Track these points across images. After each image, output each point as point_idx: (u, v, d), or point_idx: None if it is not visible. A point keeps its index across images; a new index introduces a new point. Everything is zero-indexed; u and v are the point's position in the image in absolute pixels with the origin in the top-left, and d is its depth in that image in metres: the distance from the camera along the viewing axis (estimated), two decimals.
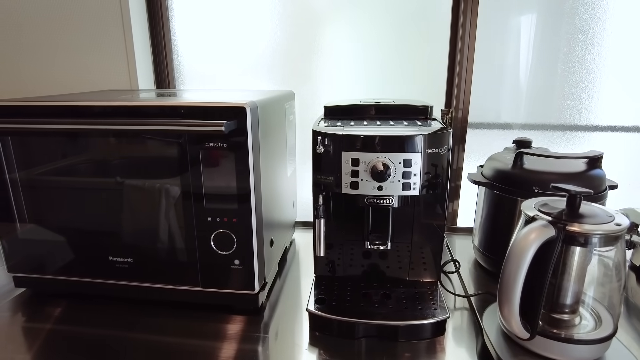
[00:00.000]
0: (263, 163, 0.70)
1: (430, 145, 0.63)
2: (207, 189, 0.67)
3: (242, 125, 0.63)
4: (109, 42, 1.09)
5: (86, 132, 0.68)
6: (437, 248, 0.74)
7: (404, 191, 0.63)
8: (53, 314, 0.75)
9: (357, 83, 1.14)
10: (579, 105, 1.07)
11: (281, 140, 0.84)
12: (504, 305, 0.54)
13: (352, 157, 0.63)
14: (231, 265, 0.70)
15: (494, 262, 0.85)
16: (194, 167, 0.66)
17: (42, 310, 0.76)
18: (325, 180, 0.66)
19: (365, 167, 0.63)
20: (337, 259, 0.78)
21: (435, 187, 0.65)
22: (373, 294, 0.72)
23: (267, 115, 0.73)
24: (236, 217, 0.67)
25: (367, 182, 0.63)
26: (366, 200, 0.65)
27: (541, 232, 0.52)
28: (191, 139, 0.65)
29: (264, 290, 0.74)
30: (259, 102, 0.68)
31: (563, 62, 1.05)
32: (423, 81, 1.13)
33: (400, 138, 0.62)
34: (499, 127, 1.15)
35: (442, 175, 0.65)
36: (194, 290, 0.73)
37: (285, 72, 1.15)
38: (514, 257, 0.52)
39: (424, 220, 0.73)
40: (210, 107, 0.63)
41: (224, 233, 0.68)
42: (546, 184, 0.75)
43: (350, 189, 0.64)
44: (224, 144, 0.64)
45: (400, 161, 0.62)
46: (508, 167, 0.80)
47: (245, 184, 0.65)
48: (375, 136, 0.62)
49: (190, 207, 0.68)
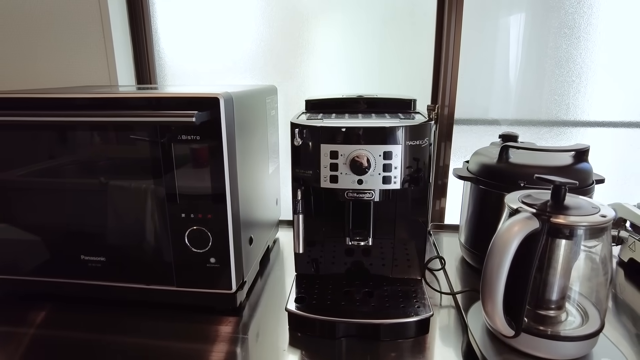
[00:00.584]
0: (240, 158, 0.67)
1: (412, 137, 0.61)
2: (180, 184, 0.64)
3: (215, 117, 0.60)
4: (88, 39, 1.06)
5: (47, 124, 0.65)
6: (421, 244, 0.72)
7: (384, 184, 0.61)
8: (21, 317, 0.71)
9: (343, 79, 1.12)
10: (566, 100, 1.06)
11: (262, 136, 0.82)
12: (487, 301, 0.52)
13: (331, 150, 0.61)
14: (207, 264, 0.67)
15: (480, 259, 0.83)
16: (167, 161, 0.63)
17: (11, 312, 0.72)
18: (304, 174, 0.63)
19: (345, 160, 0.60)
20: (320, 256, 0.76)
21: (417, 181, 0.63)
22: (355, 292, 0.69)
23: (244, 109, 0.70)
24: (211, 214, 0.65)
25: (347, 175, 0.61)
26: (346, 194, 0.63)
27: (525, 224, 0.50)
28: (163, 132, 0.62)
29: (242, 290, 0.71)
30: (235, 94, 0.65)
31: (550, 57, 1.04)
32: (409, 77, 1.11)
33: (380, 130, 0.60)
34: (487, 123, 1.13)
35: (424, 169, 0.63)
36: (168, 290, 0.70)
37: (271, 69, 1.12)
38: (496, 251, 0.50)
39: (407, 216, 0.71)
40: (182, 99, 0.61)
41: (199, 230, 0.66)
42: (532, 178, 0.73)
43: (330, 183, 0.62)
44: (196, 136, 0.61)
45: (380, 154, 0.60)
46: (493, 161, 0.78)
47: (220, 179, 0.63)
48: (354, 128, 0.60)
49: (163, 203, 0.65)
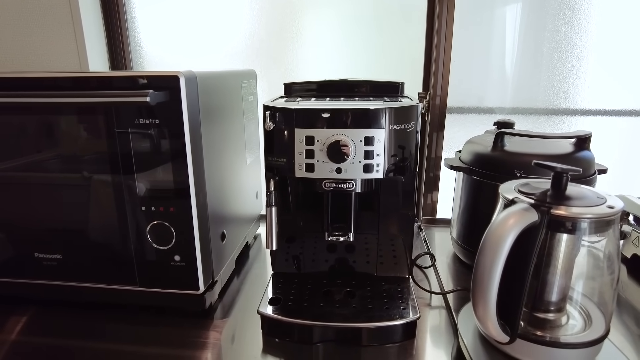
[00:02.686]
0: (208, 146, 0.61)
1: (396, 120, 0.54)
2: (139, 173, 0.57)
3: (175, 98, 0.54)
4: (55, 22, 0.99)
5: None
6: (408, 239, 0.66)
7: (366, 173, 0.55)
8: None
9: (332, 66, 1.06)
10: (565, 87, 1.00)
11: (236, 123, 0.75)
12: (479, 303, 0.46)
13: (306, 135, 0.54)
14: (171, 262, 0.61)
15: (473, 256, 0.76)
16: (124, 148, 0.57)
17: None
18: (277, 162, 0.57)
19: (321, 146, 0.54)
20: (299, 253, 0.70)
21: (403, 170, 0.56)
22: (335, 293, 0.63)
23: (213, 92, 0.64)
24: (174, 207, 0.58)
25: (324, 163, 0.55)
26: (324, 184, 0.56)
27: (522, 217, 0.44)
28: (119, 115, 0.55)
29: (212, 290, 0.65)
30: (201, 74, 0.59)
31: (548, 41, 0.98)
32: (400, 63, 1.05)
33: (360, 112, 0.54)
34: (482, 112, 1.07)
35: (410, 157, 0.57)
36: (131, 290, 0.64)
37: (258, 56, 1.05)
38: (489, 247, 0.44)
39: (393, 209, 0.65)
40: (136, 78, 0.54)
41: (161, 225, 0.59)
42: (529, 167, 0.67)
43: (305, 172, 0.55)
44: (155, 120, 0.55)
45: (361, 139, 0.54)
46: (488, 149, 0.72)
47: (183, 168, 0.56)
48: (332, 110, 0.54)
49: (122, 194, 0.59)
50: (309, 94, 0.71)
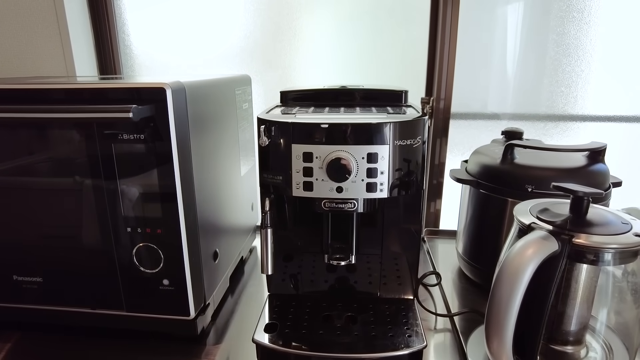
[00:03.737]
0: (199, 160, 0.57)
1: (401, 135, 0.50)
2: (124, 193, 0.53)
3: (161, 111, 0.49)
4: (40, 25, 0.94)
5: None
6: (413, 258, 0.62)
7: (369, 193, 0.51)
8: None
9: (332, 71, 1.01)
10: (573, 92, 0.96)
11: (230, 133, 0.71)
12: (493, 339, 0.42)
13: (304, 151, 0.50)
14: (160, 286, 0.57)
15: (480, 273, 0.73)
16: (107, 166, 0.52)
17: None
18: (273, 180, 0.53)
19: (321, 163, 0.50)
20: (297, 273, 0.65)
21: (408, 188, 0.52)
22: (336, 317, 0.59)
23: (204, 101, 0.60)
24: (161, 228, 0.54)
25: (324, 182, 0.51)
26: (323, 204, 0.52)
27: (541, 247, 0.40)
28: (101, 131, 0.51)
29: (204, 314, 0.61)
30: (190, 84, 0.54)
31: (556, 44, 0.93)
32: (402, 68, 1.00)
33: (363, 127, 0.50)
34: (486, 117, 1.03)
35: (416, 173, 0.52)
36: (118, 315, 0.59)
37: (253, 59, 1.01)
38: (506, 279, 0.40)
39: (397, 226, 0.61)
40: (119, 90, 0.50)
41: (148, 247, 0.55)
42: (541, 182, 0.63)
43: (303, 190, 0.51)
44: (140, 135, 0.51)
45: (363, 156, 0.50)
46: (496, 162, 0.68)
47: (170, 187, 0.52)
48: (333, 124, 0.50)
49: (106, 215, 0.54)
50: (306, 104, 0.66)
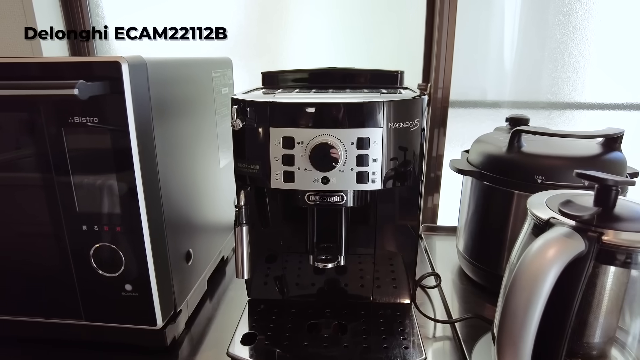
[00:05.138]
0: (165, 148, 0.49)
1: (397, 117, 0.43)
2: (77, 185, 0.46)
3: (116, 90, 0.42)
4: None
5: None
6: (410, 259, 0.55)
7: (359, 184, 0.44)
8: None
9: (322, 56, 0.94)
10: (581, 77, 0.89)
11: (206, 120, 0.64)
12: (507, 355, 0.36)
13: (284, 136, 0.43)
14: (122, 292, 0.50)
15: (484, 274, 0.66)
16: (58, 154, 0.45)
17: None
18: (249, 170, 0.46)
19: (303, 149, 0.43)
20: (281, 275, 0.59)
21: (405, 178, 0.45)
22: (323, 326, 0.52)
23: (172, 82, 0.52)
24: (121, 225, 0.47)
25: (307, 171, 0.44)
26: (307, 197, 0.45)
27: (565, 246, 0.33)
28: (49, 114, 0.44)
29: (174, 323, 0.54)
30: (154, 60, 0.47)
31: (562, 25, 0.87)
32: (397, 53, 0.94)
33: (352, 106, 0.43)
34: (486, 106, 0.96)
35: (413, 161, 0.46)
36: (76, 325, 0.52)
37: (237, 43, 0.93)
38: (523, 286, 0.33)
39: (392, 222, 0.54)
40: (67, 65, 0.42)
41: (107, 247, 0.48)
42: (552, 172, 0.57)
43: (284, 182, 0.44)
44: (94, 118, 0.43)
45: (353, 141, 0.43)
46: (502, 150, 0.62)
47: (128, 177, 0.45)
48: (316, 104, 0.43)
49: (58, 211, 0.47)
50: (291, 85, 0.59)
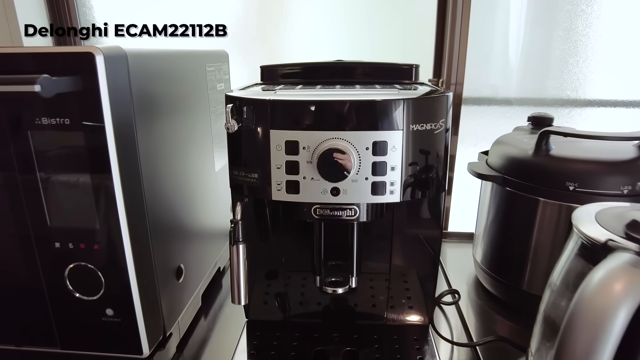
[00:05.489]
0: (150, 152, 0.43)
1: (419, 117, 0.37)
2: (48, 197, 0.40)
3: (89, 86, 0.36)
4: None
5: None
6: (429, 276, 0.49)
7: (375, 196, 0.38)
8: None
9: (325, 49, 0.88)
10: (606, 73, 0.83)
11: (199, 118, 0.58)
12: None
13: (287, 140, 0.37)
14: (102, 317, 0.44)
15: (505, 288, 0.60)
16: (23, 162, 0.39)
17: None
18: (246, 179, 0.40)
19: (310, 156, 0.37)
20: (282, 292, 0.53)
21: (427, 188, 0.39)
22: (331, 354, 0.46)
23: (158, 77, 0.46)
24: (99, 242, 0.41)
25: (314, 181, 0.37)
26: (313, 211, 0.39)
27: (637, 280, 0.27)
28: (12, 114, 0.38)
29: (164, 349, 0.48)
30: (136, 52, 0.41)
31: (585, 15, 0.80)
32: (405, 46, 0.87)
33: (367, 105, 0.36)
34: (500, 103, 0.90)
35: (437, 168, 0.40)
36: (51, 354, 0.46)
37: (234, 36, 0.87)
38: (582, 330, 0.27)
39: (411, 235, 0.48)
40: (30, 56, 0.36)
41: (84, 267, 0.42)
42: (585, 178, 0.51)
43: (286, 193, 0.38)
44: (65, 119, 0.37)
45: (367, 145, 0.37)
46: (527, 153, 0.55)
47: (106, 188, 0.38)
48: (326, 102, 0.37)
49: (27, 226, 0.41)
50: (294, 81, 0.53)
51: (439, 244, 0.47)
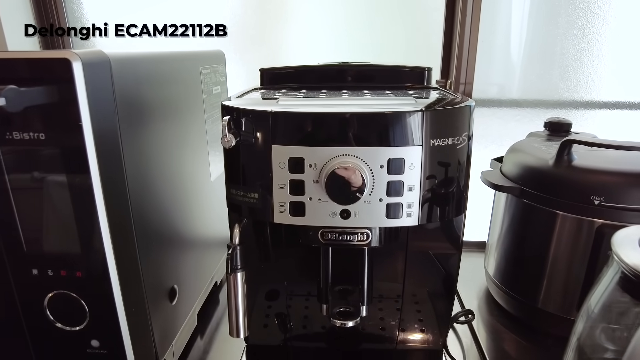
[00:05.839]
0: (138, 165, 0.39)
1: (440, 131, 0.33)
2: (23, 221, 0.36)
3: (66, 95, 0.31)
4: None
5: None
6: (444, 299, 0.46)
7: (390, 219, 0.34)
8: None
9: (327, 48, 0.84)
10: (629, 73, 0.79)
11: (193, 125, 0.53)
12: None
13: (292, 157, 0.33)
14: (87, 349, 0.40)
15: (520, 306, 0.57)
16: None
17: None
18: (245, 198, 0.36)
19: (317, 175, 0.33)
20: (284, 314, 0.49)
21: (449, 209, 0.35)
22: None
23: (148, 83, 0.42)
24: (81, 269, 0.36)
25: (322, 203, 0.33)
26: (321, 235, 0.35)
27: None
28: None
29: None
30: (119, 57, 0.36)
31: (601, 13, 0.76)
32: (411, 45, 0.83)
33: (382, 118, 0.32)
34: (510, 105, 0.86)
35: (459, 186, 0.36)
36: None
37: (231, 34, 0.82)
38: None
39: (426, 257, 0.44)
40: None
41: (65, 295, 0.38)
42: (612, 191, 0.47)
43: (291, 215, 0.34)
44: (39, 134, 0.33)
45: (382, 163, 0.32)
46: (547, 163, 0.52)
47: (88, 206, 0.34)
48: (335, 115, 0.32)
49: (0, 252, 0.37)
50: (295, 86, 0.49)
51: (457, 267, 0.43)
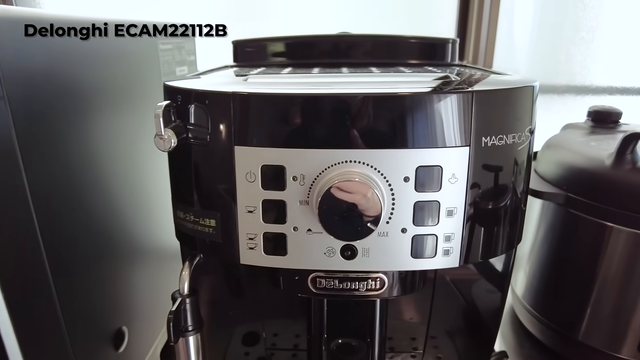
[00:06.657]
0: (55, 174, 0.27)
1: (495, 123, 0.21)
2: None
3: None
4: None
5: None
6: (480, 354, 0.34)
7: (418, 259, 0.22)
8: None
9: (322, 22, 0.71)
10: None
11: (147, 116, 0.41)
12: None
13: (266, 165, 0.21)
14: None
15: (554, 336, 0.46)
16: None
17: None
18: (197, 226, 0.24)
19: (305, 192, 0.21)
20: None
21: (501, 241, 0.24)
22: None
23: (71, 61, 0.30)
24: None
25: (312, 235, 0.22)
26: (312, 282, 0.23)
27: None
28: None
29: None
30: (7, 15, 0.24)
31: None
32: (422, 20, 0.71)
33: (407, 101, 0.20)
34: None
35: (517, 202, 0.24)
36: None
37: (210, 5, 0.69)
38: None
39: (458, 303, 0.33)
40: None
41: None
42: None
43: (266, 254, 0.22)
44: None
45: (407, 174, 0.21)
46: (602, 164, 0.40)
47: None
48: (334, 98, 0.21)
49: None
50: (280, 61, 0.37)
51: (500, 316, 0.31)
